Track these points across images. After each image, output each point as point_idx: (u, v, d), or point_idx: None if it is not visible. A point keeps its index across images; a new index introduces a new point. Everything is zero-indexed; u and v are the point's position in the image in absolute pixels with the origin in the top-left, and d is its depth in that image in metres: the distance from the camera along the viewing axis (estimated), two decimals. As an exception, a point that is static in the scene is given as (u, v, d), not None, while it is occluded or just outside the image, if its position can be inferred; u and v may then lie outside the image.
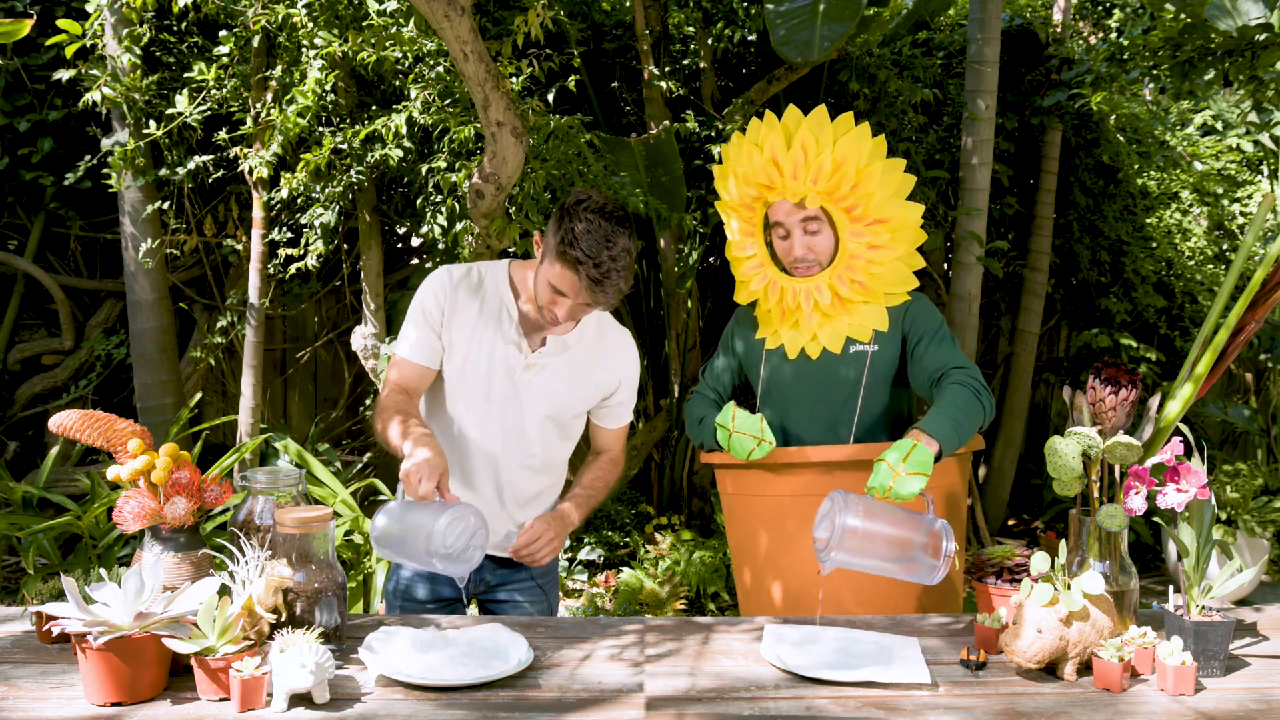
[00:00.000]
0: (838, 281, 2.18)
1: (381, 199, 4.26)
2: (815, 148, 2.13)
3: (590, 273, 1.82)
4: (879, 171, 2.14)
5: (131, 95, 3.74)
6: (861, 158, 2.13)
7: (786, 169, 2.14)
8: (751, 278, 2.27)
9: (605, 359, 2.08)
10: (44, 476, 3.65)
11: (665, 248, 4.42)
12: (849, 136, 2.14)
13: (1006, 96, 4.86)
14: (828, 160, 2.12)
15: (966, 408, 2.00)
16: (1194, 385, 2.32)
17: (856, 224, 2.17)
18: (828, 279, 2.18)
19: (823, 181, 2.13)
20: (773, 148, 2.15)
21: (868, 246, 2.17)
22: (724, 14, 4.44)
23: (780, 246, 2.22)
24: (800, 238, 2.17)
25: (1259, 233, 3.30)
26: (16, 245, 4.45)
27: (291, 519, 1.60)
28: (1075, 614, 1.52)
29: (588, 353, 2.05)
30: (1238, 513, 4.19)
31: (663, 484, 4.70)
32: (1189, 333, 5.24)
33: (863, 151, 2.13)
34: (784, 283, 2.21)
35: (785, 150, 2.14)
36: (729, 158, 2.26)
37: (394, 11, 3.52)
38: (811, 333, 2.22)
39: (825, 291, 2.18)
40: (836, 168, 2.12)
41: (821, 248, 2.18)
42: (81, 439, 1.70)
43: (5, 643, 1.66)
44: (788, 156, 2.14)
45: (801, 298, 2.19)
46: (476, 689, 1.48)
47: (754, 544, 2.24)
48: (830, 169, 2.12)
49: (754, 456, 2.12)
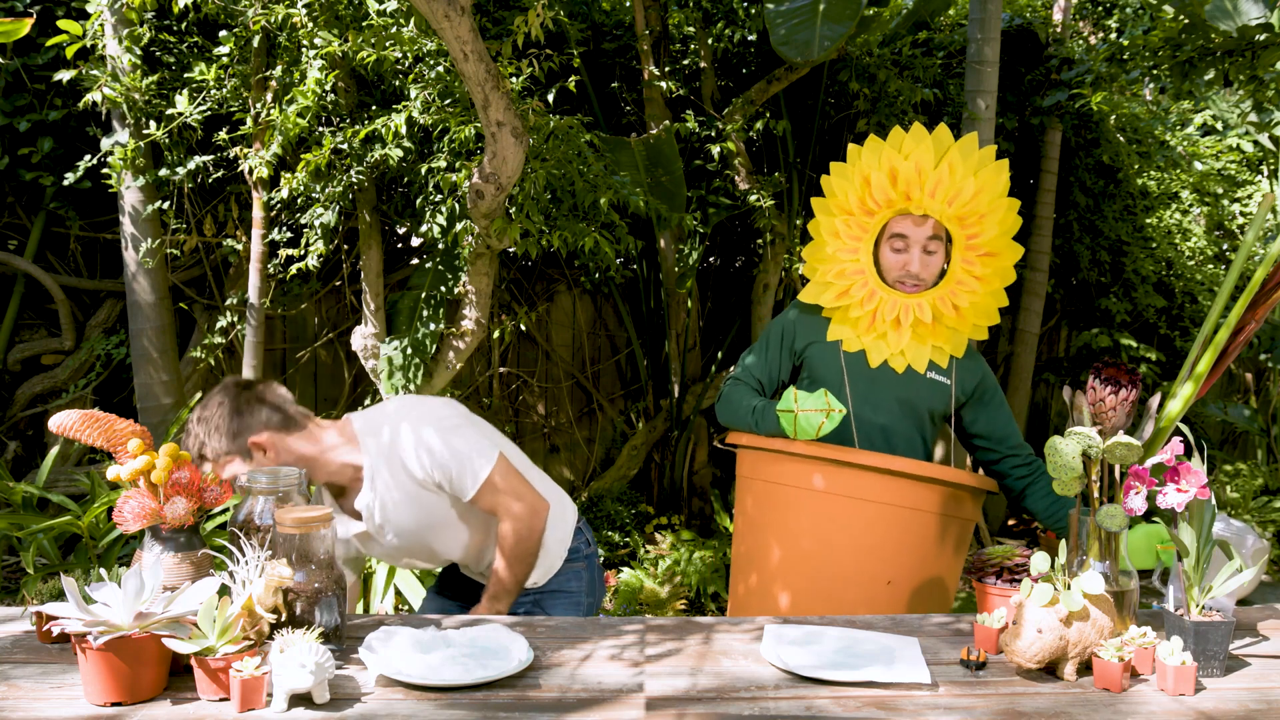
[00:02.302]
0: (940, 303, 2.22)
1: (381, 199, 4.26)
2: (963, 171, 2.16)
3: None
4: (1004, 208, 2.20)
5: (131, 95, 3.74)
6: (998, 190, 2.18)
7: (929, 185, 2.17)
8: (852, 283, 2.25)
9: (400, 473, 1.97)
10: (44, 476, 3.65)
11: (665, 248, 4.42)
12: (991, 168, 2.18)
13: (1006, 96, 4.86)
14: (970, 186, 2.16)
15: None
16: (1194, 385, 2.32)
17: (971, 253, 2.22)
18: (932, 298, 2.22)
19: (958, 205, 2.17)
20: (920, 160, 2.16)
21: (974, 276, 2.22)
22: (724, 14, 4.44)
23: (892, 259, 2.23)
24: (919, 255, 2.21)
25: (1259, 233, 3.30)
26: (16, 245, 4.45)
27: (291, 519, 1.60)
28: (1075, 614, 1.52)
29: (390, 489, 1.99)
30: (1238, 513, 4.19)
31: (663, 484, 4.70)
32: (1189, 333, 5.24)
33: (1000, 184, 2.18)
34: (885, 294, 2.23)
35: (932, 166, 2.16)
36: (860, 159, 2.24)
37: (394, 11, 3.52)
38: (900, 348, 2.24)
39: (927, 310, 2.22)
40: (975, 195, 2.16)
41: (933, 269, 2.23)
42: (81, 439, 1.70)
43: (5, 643, 1.66)
44: (934, 173, 2.16)
45: (901, 312, 2.22)
46: (476, 689, 1.48)
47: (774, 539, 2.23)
48: (970, 195, 2.16)
49: (824, 431, 2.08)
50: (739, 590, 2.34)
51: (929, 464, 2.16)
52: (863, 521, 2.13)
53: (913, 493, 2.11)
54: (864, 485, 2.12)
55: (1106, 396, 1.75)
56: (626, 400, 5.00)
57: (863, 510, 2.12)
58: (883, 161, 2.19)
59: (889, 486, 2.11)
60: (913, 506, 2.12)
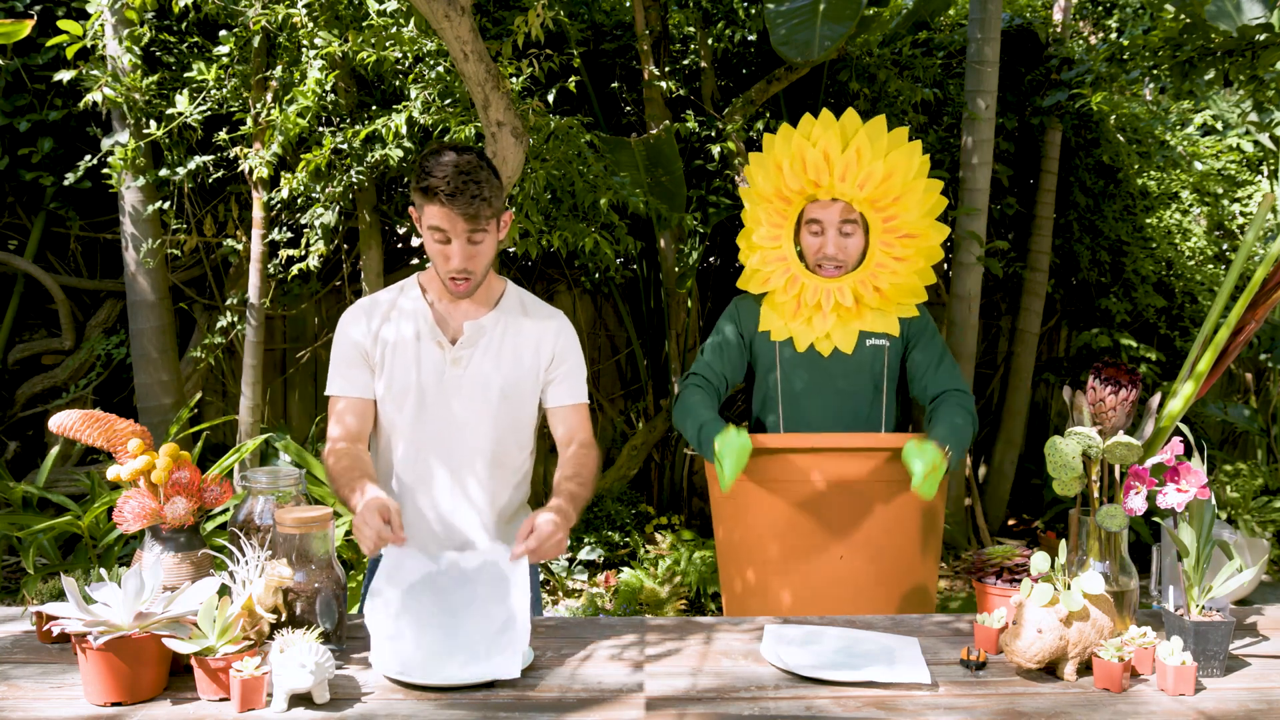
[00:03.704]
0: (860, 286, 2.24)
1: (381, 199, 4.26)
2: (870, 154, 2.17)
3: (441, 188, 1.80)
4: (921, 189, 2.21)
5: (132, 95, 3.74)
6: (909, 172, 2.19)
7: (837, 170, 2.19)
8: (773, 270, 2.30)
9: (532, 333, 2.00)
10: (44, 476, 3.65)
11: (665, 248, 4.42)
12: (902, 150, 2.20)
13: (1006, 96, 4.86)
14: (879, 169, 2.17)
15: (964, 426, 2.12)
16: (1194, 384, 2.32)
17: (889, 235, 2.23)
18: (851, 282, 2.24)
19: (869, 188, 2.18)
20: (827, 146, 2.19)
21: (894, 258, 2.24)
22: (724, 14, 4.44)
23: (810, 243, 2.27)
24: (834, 237, 2.23)
25: (1259, 232, 3.30)
26: (16, 245, 4.45)
27: (291, 519, 1.60)
28: (1075, 614, 1.52)
29: (511, 333, 1.99)
30: (1238, 513, 4.19)
31: (663, 484, 4.70)
32: (1189, 333, 5.24)
33: (911, 167, 2.20)
34: (806, 279, 2.26)
35: (840, 151, 2.18)
36: (774, 147, 2.28)
37: (394, 11, 3.52)
38: (825, 331, 2.26)
39: (848, 293, 2.24)
40: (886, 177, 2.18)
41: (851, 251, 2.25)
42: (81, 439, 1.70)
43: (5, 643, 1.66)
44: (841, 158, 2.18)
45: (822, 296, 2.24)
46: (476, 689, 1.48)
47: (757, 538, 2.24)
48: (880, 178, 2.18)
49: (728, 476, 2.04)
50: (735, 587, 2.35)
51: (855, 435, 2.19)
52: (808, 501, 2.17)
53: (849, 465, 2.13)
54: (801, 467, 2.15)
55: (1106, 396, 1.75)
56: (626, 400, 5.00)
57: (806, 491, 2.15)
58: (793, 149, 2.23)
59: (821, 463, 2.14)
60: (850, 478, 2.14)
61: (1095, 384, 1.77)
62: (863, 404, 2.29)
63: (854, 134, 2.20)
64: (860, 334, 2.27)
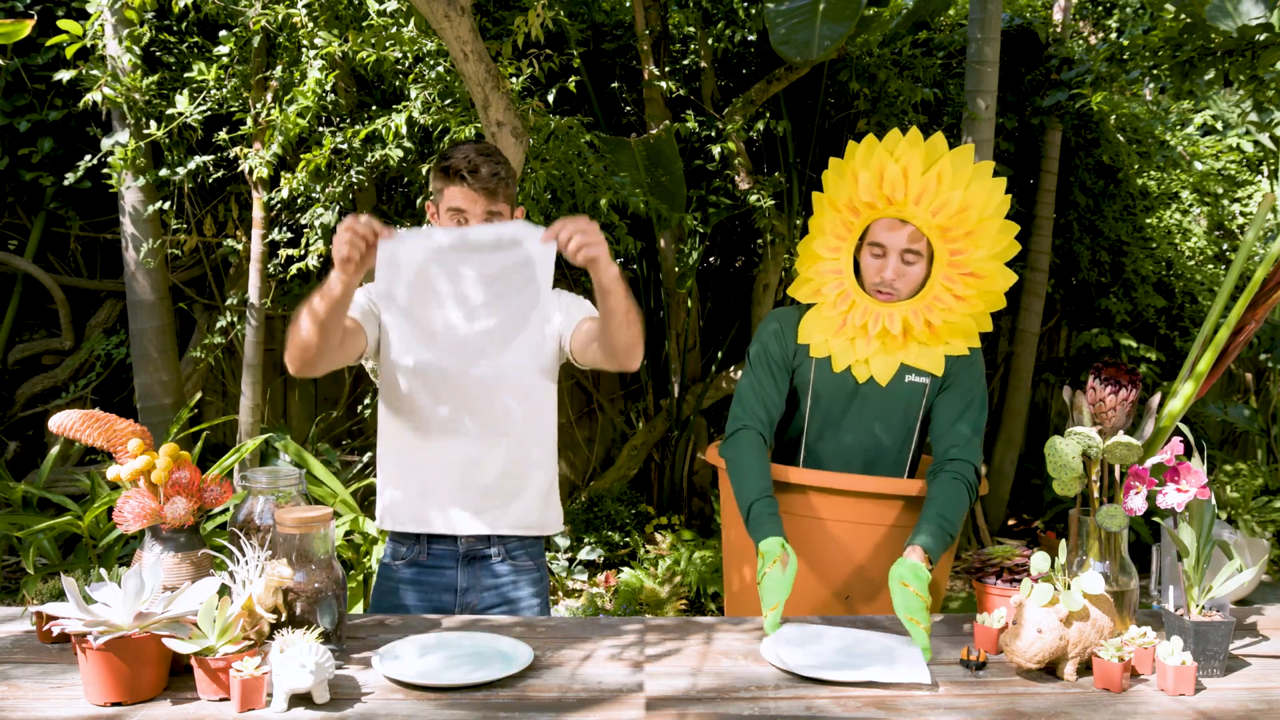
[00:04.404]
0: (912, 317, 2.11)
1: (381, 199, 4.26)
2: (951, 181, 2.06)
3: (461, 166, 1.86)
4: (995, 229, 2.08)
5: (132, 95, 3.74)
6: (988, 209, 2.07)
7: (914, 190, 2.07)
8: (826, 281, 2.18)
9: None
10: (44, 476, 3.65)
11: (665, 248, 4.42)
12: (984, 183, 2.08)
13: (1006, 96, 4.86)
14: (957, 198, 2.05)
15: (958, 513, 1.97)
16: (1194, 384, 2.33)
17: (952, 270, 2.10)
18: (904, 311, 2.11)
19: (943, 216, 2.07)
20: (908, 164, 2.07)
21: (953, 295, 2.11)
22: (724, 14, 4.45)
23: (870, 264, 2.13)
24: (896, 263, 2.10)
25: (1259, 232, 3.30)
26: (16, 245, 4.45)
27: (291, 519, 1.60)
28: (1075, 614, 1.52)
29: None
30: (1238, 513, 4.19)
31: (663, 484, 4.70)
32: (1189, 333, 5.24)
33: (991, 203, 2.07)
34: (858, 298, 2.14)
35: (921, 172, 2.07)
36: (855, 156, 2.16)
37: (394, 11, 3.52)
38: (865, 356, 2.14)
39: (897, 321, 2.11)
40: (962, 209, 2.06)
41: (911, 280, 2.11)
42: (81, 439, 1.69)
43: (5, 643, 1.66)
44: (921, 179, 2.06)
45: (870, 319, 2.12)
46: (476, 689, 1.48)
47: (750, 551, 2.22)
48: (957, 207, 2.06)
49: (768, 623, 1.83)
50: (734, 585, 2.34)
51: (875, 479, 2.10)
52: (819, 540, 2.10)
53: (865, 509, 2.08)
54: (816, 505, 2.09)
55: (1106, 396, 1.75)
56: (626, 400, 5.00)
57: (819, 529, 2.10)
58: (873, 161, 2.11)
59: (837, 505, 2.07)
60: (864, 521, 2.08)
61: (1095, 384, 1.77)
62: (893, 442, 2.19)
63: (938, 157, 2.08)
64: (901, 367, 2.14)
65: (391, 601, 2.01)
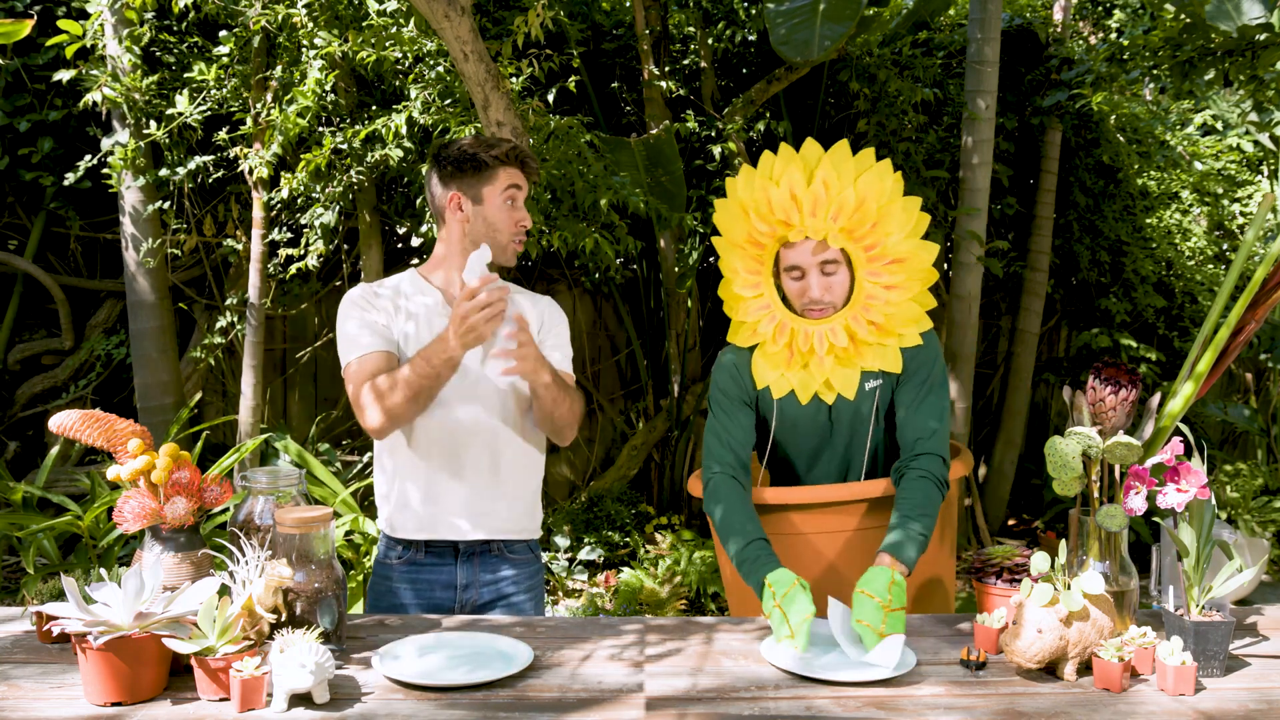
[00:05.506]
0: (854, 323, 2.07)
1: (381, 199, 4.26)
2: (837, 184, 2.02)
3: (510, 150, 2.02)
4: (898, 210, 2.06)
5: (132, 95, 3.74)
6: (883, 195, 2.04)
7: (806, 205, 2.03)
8: (759, 319, 2.13)
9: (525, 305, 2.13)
10: (44, 476, 3.66)
11: (665, 248, 4.42)
12: (870, 173, 2.04)
13: (1006, 96, 4.86)
14: (850, 197, 2.02)
15: (930, 511, 1.94)
16: (1194, 384, 2.33)
17: (874, 264, 2.07)
18: (843, 320, 2.07)
19: (843, 219, 2.03)
20: (791, 183, 2.03)
21: (884, 287, 2.07)
22: (724, 14, 4.45)
23: (793, 288, 2.09)
24: (817, 279, 2.06)
25: (1259, 232, 3.30)
26: (16, 245, 4.45)
27: (291, 519, 1.60)
28: (1075, 614, 1.52)
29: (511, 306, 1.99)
30: (1238, 513, 4.19)
31: (663, 484, 4.70)
32: (1189, 333, 5.24)
33: (884, 189, 2.04)
34: (795, 324, 2.09)
35: (805, 186, 2.03)
36: (737, 191, 2.12)
37: (394, 11, 3.53)
38: (824, 377, 2.11)
39: (841, 334, 2.07)
40: (859, 205, 2.02)
41: (838, 289, 2.07)
42: (81, 439, 1.70)
43: (5, 643, 1.66)
44: (808, 192, 2.02)
45: (815, 340, 2.08)
46: (476, 689, 1.48)
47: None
48: (853, 206, 2.02)
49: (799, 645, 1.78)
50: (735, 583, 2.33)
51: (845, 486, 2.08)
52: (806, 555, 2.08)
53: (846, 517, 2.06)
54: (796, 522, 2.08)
55: (1106, 396, 1.75)
56: (626, 400, 5.00)
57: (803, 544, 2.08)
58: (755, 191, 2.07)
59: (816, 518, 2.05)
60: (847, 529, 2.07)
61: (1095, 384, 1.77)
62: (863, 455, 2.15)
63: (817, 164, 2.05)
64: (862, 375, 2.11)
65: (389, 600, 2.03)
